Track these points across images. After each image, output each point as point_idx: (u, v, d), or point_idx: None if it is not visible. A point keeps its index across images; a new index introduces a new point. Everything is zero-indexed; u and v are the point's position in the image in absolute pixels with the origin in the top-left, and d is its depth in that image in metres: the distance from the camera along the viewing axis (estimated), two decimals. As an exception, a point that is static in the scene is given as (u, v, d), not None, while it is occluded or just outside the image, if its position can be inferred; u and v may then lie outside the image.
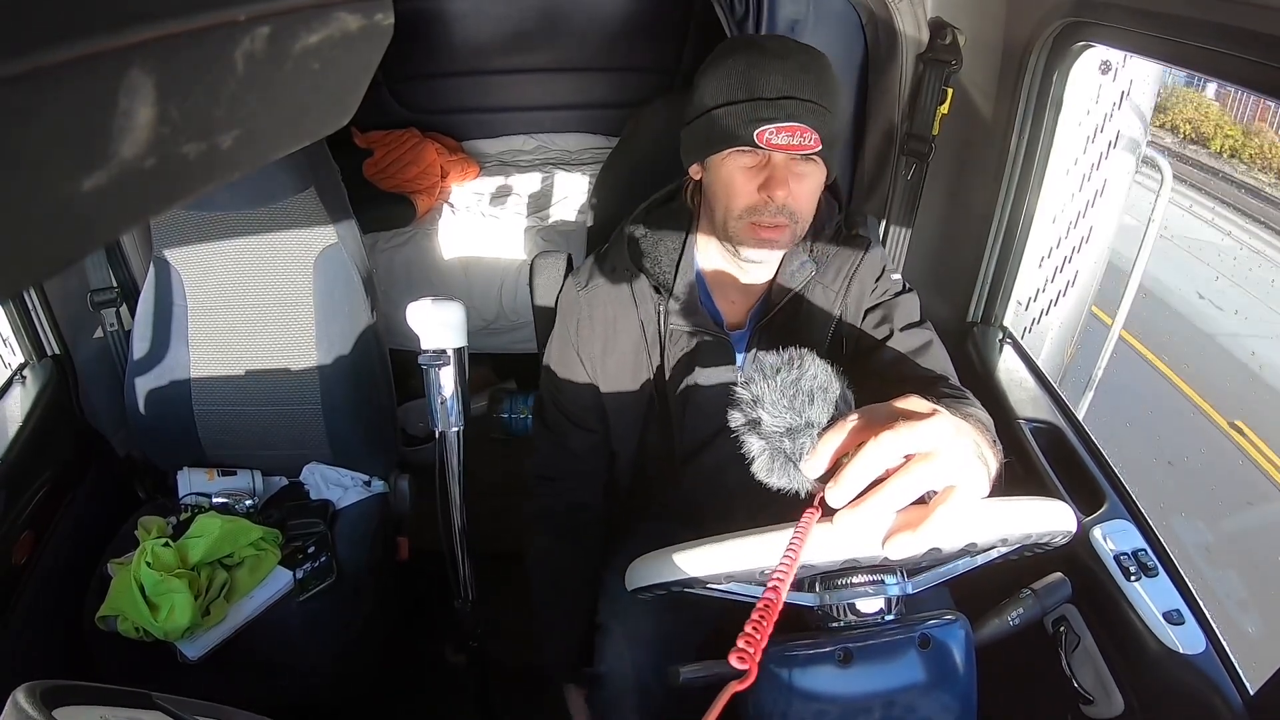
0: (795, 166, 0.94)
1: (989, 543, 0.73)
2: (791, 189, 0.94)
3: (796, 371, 0.60)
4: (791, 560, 0.55)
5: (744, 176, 0.95)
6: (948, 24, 1.37)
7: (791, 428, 0.60)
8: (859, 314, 1.07)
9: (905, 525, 0.56)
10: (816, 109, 0.92)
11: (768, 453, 0.61)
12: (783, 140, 0.91)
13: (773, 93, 0.91)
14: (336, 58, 0.33)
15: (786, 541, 0.57)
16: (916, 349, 1.02)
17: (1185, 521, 4.71)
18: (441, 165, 2.48)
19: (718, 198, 0.98)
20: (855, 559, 0.72)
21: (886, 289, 1.08)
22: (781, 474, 0.61)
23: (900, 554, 0.56)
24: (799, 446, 0.60)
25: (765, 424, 0.60)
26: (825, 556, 0.66)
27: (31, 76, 0.20)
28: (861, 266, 1.06)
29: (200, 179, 0.28)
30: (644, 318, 1.07)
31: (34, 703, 0.66)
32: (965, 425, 0.62)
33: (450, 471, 1.02)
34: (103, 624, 1.30)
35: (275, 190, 1.49)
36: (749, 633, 0.48)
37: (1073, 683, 1.04)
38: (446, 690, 1.67)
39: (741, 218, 0.96)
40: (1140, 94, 1.44)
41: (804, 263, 1.06)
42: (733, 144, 0.93)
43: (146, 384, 1.54)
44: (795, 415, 0.59)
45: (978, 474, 0.59)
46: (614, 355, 1.09)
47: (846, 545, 0.64)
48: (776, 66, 0.91)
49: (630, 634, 1.09)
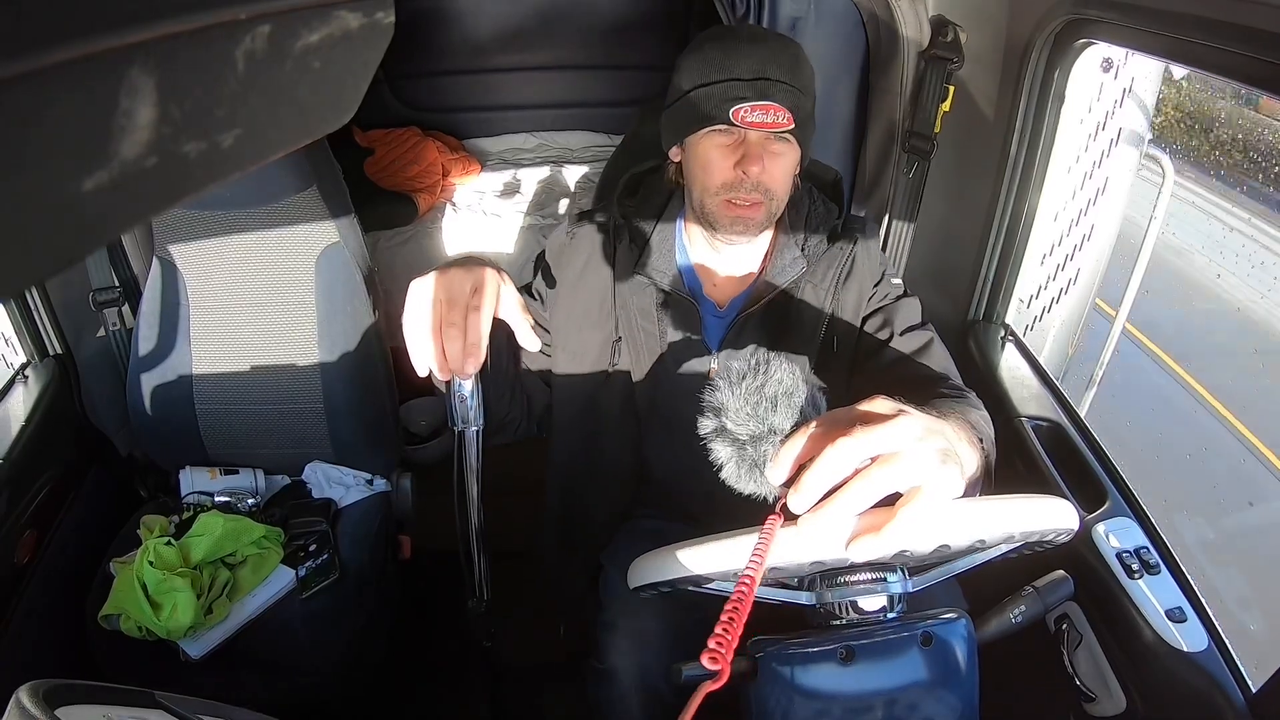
0: (770, 145, 0.98)
1: (991, 540, 0.73)
2: (766, 166, 0.97)
3: (761, 378, 0.61)
4: (757, 564, 0.56)
5: (720, 154, 0.98)
6: (949, 22, 1.36)
7: (755, 435, 0.61)
8: (856, 317, 1.08)
9: (869, 528, 0.57)
10: (789, 89, 0.95)
11: (735, 459, 0.63)
12: (757, 118, 0.95)
13: (747, 74, 0.95)
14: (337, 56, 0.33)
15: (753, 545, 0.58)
16: (917, 350, 1.03)
17: (1187, 519, 4.70)
18: (443, 164, 2.48)
19: (695, 177, 1.02)
20: (821, 561, 0.73)
21: (887, 293, 1.09)
22: (749, 480, 0.63)
23: (863, 556, 0.58)
24: (762, 453, 0.61)
25: (730, 431, 0.62)
26: (792, 559, 0.67)
27: (33, 77, 0.20)
28: (856, 268, 1.07)
29: (201, 178, 0.28)
30: (617, 262, 1.09)
31: (37, 702, 0.66)
32: (938, 425, 0.62)
33: (469, 470, 1.02)
34: (105, 623, 1.30)
35: (277, 189, 1.49)
36: (719, 633, 0.50)
37: (1075, 680, 1.04)
38: (449, 688, 1.67)
39: (717, 194, 1.00)
40: (1142, 91, 1.44)
41: (795, 259, 1.07)
42: (709, 123, 0.97)
43: (149, 383, 1.54)
44: (759, 422, 0.61)
45: (946, 475, 0.58)
46: (582, 287, 1.10)
47: (811, 548, 0.65)
48: (750, 50, 0.95)
49: (635, 632, 1.09)
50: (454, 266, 0.81)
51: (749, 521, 0.71)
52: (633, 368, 1.11)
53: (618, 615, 1.13)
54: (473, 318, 0.78)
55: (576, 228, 1.13)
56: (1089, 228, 1.53)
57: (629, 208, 1.13)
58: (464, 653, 1.33)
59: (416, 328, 0.79)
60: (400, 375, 1.70)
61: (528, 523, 1.28)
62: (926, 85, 1.42)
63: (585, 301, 1.10)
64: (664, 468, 1.19)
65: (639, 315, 1.09)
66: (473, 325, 0.78)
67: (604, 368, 1.11)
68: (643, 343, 1.09)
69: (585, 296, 1.10)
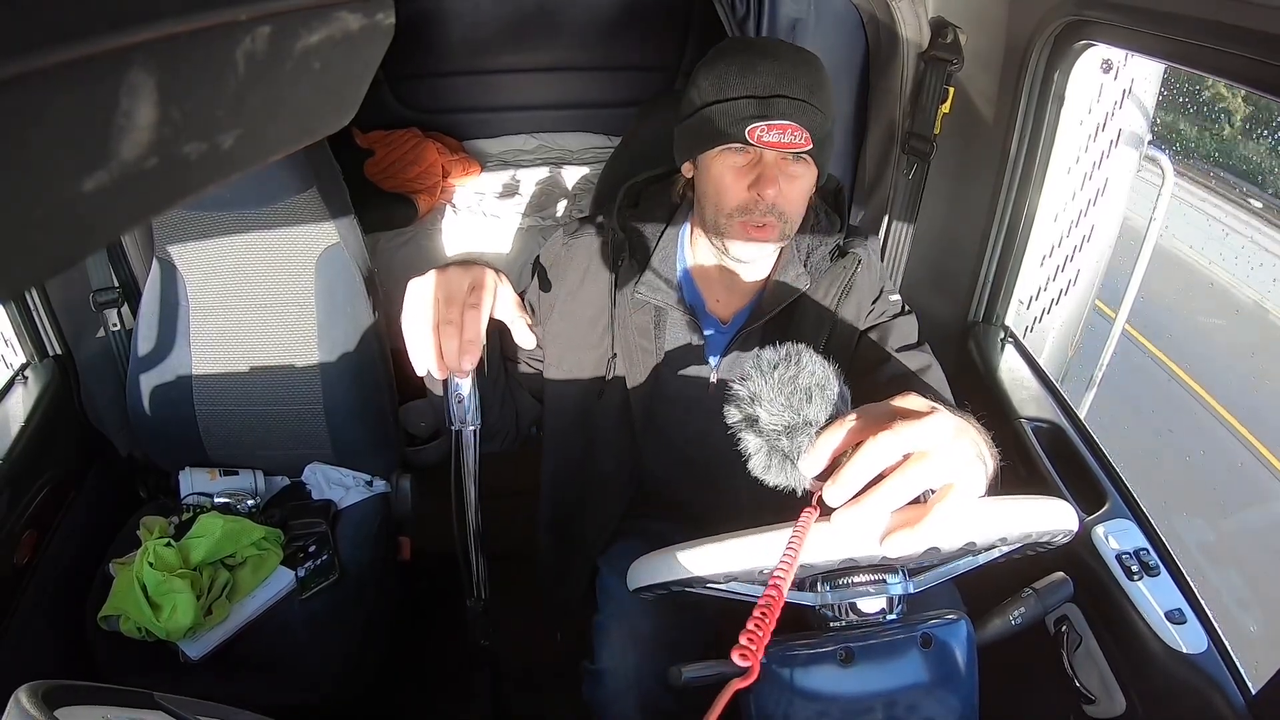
0: (786, 166, 0.95)
1: (991, 542, 0.73)
2: (782, 188, 0.94)
3: (795, 368, 0.60)
4: (791, 559, 0.55)
5: (734, 175, 0.96)
6: (949, 23, 1.36)
7: (790, 425, 0.59)
8: (854, 334, 1.07)
9: (903, 524, 0.56)
10: (808, 108, 0.92)
11: (765, 450, 0.61)
12: (773, 138, 0.92)
13: (765, 91, 0.91)
14: (338, 57, 0.33)
15: (785, 541, 0.57)
16: (912, 371, 1.02)
17: (1187, 520, 4.70)
18: (443, 165, 2.48)
19: (708, 196, 0.99)
20: (854, 558, 0.72)
21: (884, 310, 1.08)
22: (779, 472, 0.61)
23: (898, 552, 0.56)
24: (796, 445, 0.59)
25: (763, 421, 0.60)
26: (824, 556, 0.66)
27: (33, 77, 0.20)
28: (856, 285, 1.06)
29: (202, 179, 0.28)
30: (618, 277, 1.07)
31: (36, 703, 0.66)
32: (965, 425, 0.62)
33: (466, 470, 1.02)
34: (105, 624, 1.30)
35: (277, 190, 1.49)
36: (751, 630, 0.49)
37: (1074, 682, 1.04)
38: (449, 690, 1.67)
39: (732, 216, 0.97)
40: (1142, 93, 1.44)
41: (799, 275, 1.06)
42: (724, 141, 0.94)
43: (148, 384, 1.54)
44: (793, 413, 0.59)
45: (976, 473, 0.59)
46: (578, 301, 1.09)
47: (845, 544, 0.65)
48: (769, 66, 0.92)
49: (631, 633, 1.09)
50: (452, 266, 0.81)
51: (749, 523, 0.71)
52: (628, 380, 1.09)
53: (612, 617, 1.13)
54: (470, 315, 0.78)
55: (573, 237, 1.10)
56: (1089, 229, 1.53)
57: (629, 219, 1.11)
58: (463, 653, 1.33)
59: (414, 325, 0.79)
60: (400, 376, 1.70)
61: (527, 523, 1.28)
62: (926, 86, 1.42)
63: (581, 316, 1.09)
64: (661, 475, 1.19)
65: (636, 333, 1.07)
66: (470, 323, 0.78)
67: (598, 381, 1.10)
68: (639, 358, 1.08)
69: (581, 311, 1.09)
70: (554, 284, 1.10)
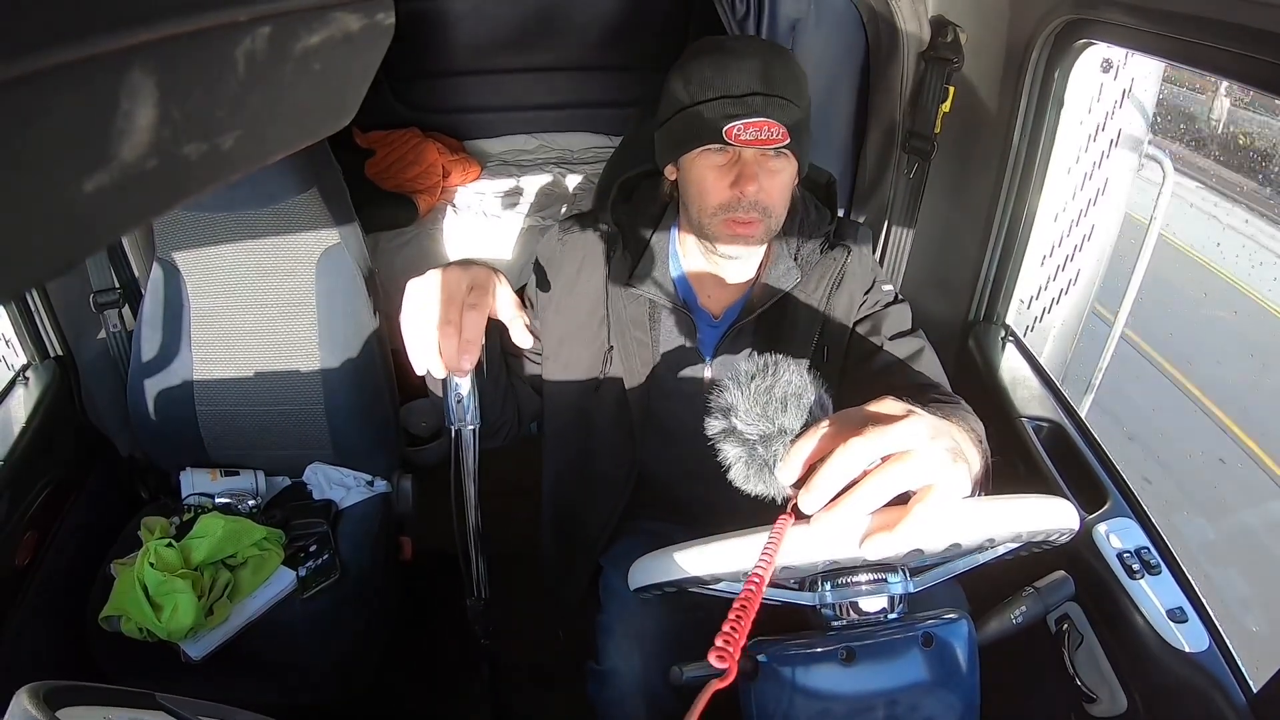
0: (766, 162, 0.97)
1: (991, 540, 0.73)
2: (762, 184, 0.96)
3: (770, 379, 0.61)
4: (767, 562, 0.55)
5: (715, 175, 0.98)
6: (949, 22, 1.36)
7: (765, 435, 0.61)
8: (847, 325, 1.08)
9: (882, 526, 0.57)
10: (783, 104, 0.94)
11: (744, 460, 0.63)
12: (751, 135, 0.94)
13: (739, 90, 0.93)
14: (338, 58, 0.33)
15: (763, 544, 0.58)
16: (907, 357, 1.02)
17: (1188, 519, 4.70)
18: (443, 165, 2.48)
19: (692, 197, 1.01)
20: (835, 560, 0.73)
21: (877, 300, 1.09)
22: (758, 481, 0.63)
23: (877, 554, 0.57)
24: (773, 453, 0.61)
25: (740, 431, 0.62)
26: (805, 558, 0.67)
27: (33, 78, 0.20)
28: (847, 277, 1.07)
29: (202, 180, 0.28)
30: (611, 270, 1.08)
31: (37, 703, 0.66)
32: (944, 425, 0.63)
33: (466, 470, 1.02)
34: (106, 624, 1.30)
35: (277, 191, 1.49)
36: (727, 631, 0.50)
37: (1076, 681, 1.04)
38: (450, 689, 1.67)
39: (716, 215, 0.99)
40: (1142, 92, 1.44)
41: (789, 269, 1.08)
42: (703, 142, 0.96)
43: (149, 385, 1.54)
44: (768, 422, 0.61)
45: (956, 473, 0.58)
46: (574, 295, 1.10)
47: (824, 546, 0.65)
48: (742, 65, 0.94)
49: (635, 633, 1.09)
50: (451, 266, 0.82)
51: (749, 523, 0.71)
52: (625, 376, 1.10)
53: (616, 617, 1.12)
54: (469, 315, 0.79)
55: (567, 233, 1.12)
56: (1089, 228, 1.53)
57: (623, 214, 1.13)
58: (465, 653, 1.33)
59: (414, 325, 0.79)
60: (401, 376, 1.70)
61: (528, 523, 1.28)
62: (926, 86, 1.42)
63: (577, 310, 1.10)
64: (661, 473, 1.19)
65: (632, 326, 1.08)
66: (469, 322, 0.79)
67: (596, 377, 1.11)
68: (635, 352, 1.09)
69: (577, 305, 1.10)
70: (551, 279, 1.11)
